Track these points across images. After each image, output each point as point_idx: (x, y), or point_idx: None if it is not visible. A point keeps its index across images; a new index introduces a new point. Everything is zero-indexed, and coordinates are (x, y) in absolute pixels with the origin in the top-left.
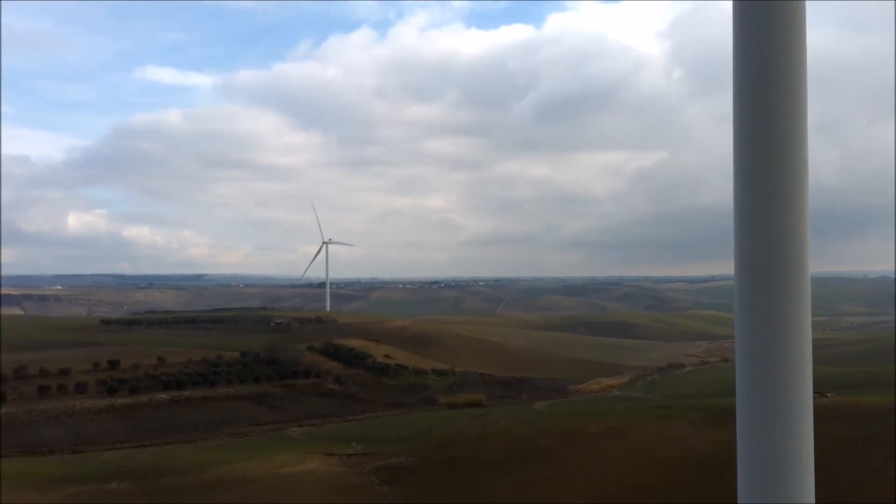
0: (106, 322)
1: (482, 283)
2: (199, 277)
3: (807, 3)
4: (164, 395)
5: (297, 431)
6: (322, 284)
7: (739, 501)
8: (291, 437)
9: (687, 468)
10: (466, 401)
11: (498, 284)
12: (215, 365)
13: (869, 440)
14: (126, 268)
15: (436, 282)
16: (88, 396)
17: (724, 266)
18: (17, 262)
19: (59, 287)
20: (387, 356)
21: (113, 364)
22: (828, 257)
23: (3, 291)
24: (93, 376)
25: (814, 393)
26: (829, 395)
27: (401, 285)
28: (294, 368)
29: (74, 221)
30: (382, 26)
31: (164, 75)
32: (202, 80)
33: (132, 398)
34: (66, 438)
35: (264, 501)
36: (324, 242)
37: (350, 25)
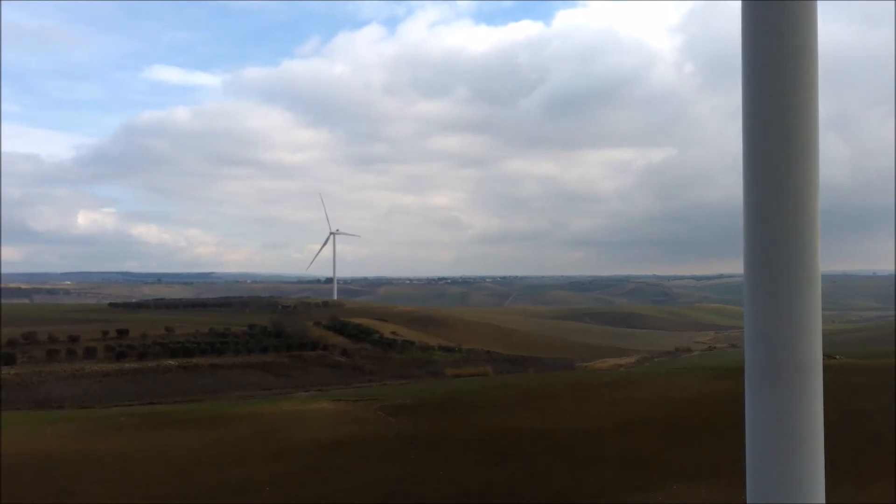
0: (115, 305)
1: (489, 280)
2: (206, 276)
3: None
4: (172, 362)
5: (303, 395)
6: (329, 280)
7: (749, 501)
8: (297, 398)
9: (691, 405)
10: (473, 372)
11: (505, 281)
12: (223, 336)
13: (874, 387)
14: (133, 266)
15: (442, 278)
16: (97, 361)
17: (732, 265)
18: (25, 259)
19: (69, 283)
20: (394, 333)
21: (122, 333)
22: (837, 256)
23: (13, 286)
24: (101, 343)
25: (823, 356)
26: (837, 357)
27: (407, 281)
28: (301, 341)
29: (83, 219)
30: (391, 23)
31: (172, 74)
32: (210, 79)
33: (140, 363)
34: (76, 397)
35: (272, 432)
36: (331, 233)
37: (359, 22)
